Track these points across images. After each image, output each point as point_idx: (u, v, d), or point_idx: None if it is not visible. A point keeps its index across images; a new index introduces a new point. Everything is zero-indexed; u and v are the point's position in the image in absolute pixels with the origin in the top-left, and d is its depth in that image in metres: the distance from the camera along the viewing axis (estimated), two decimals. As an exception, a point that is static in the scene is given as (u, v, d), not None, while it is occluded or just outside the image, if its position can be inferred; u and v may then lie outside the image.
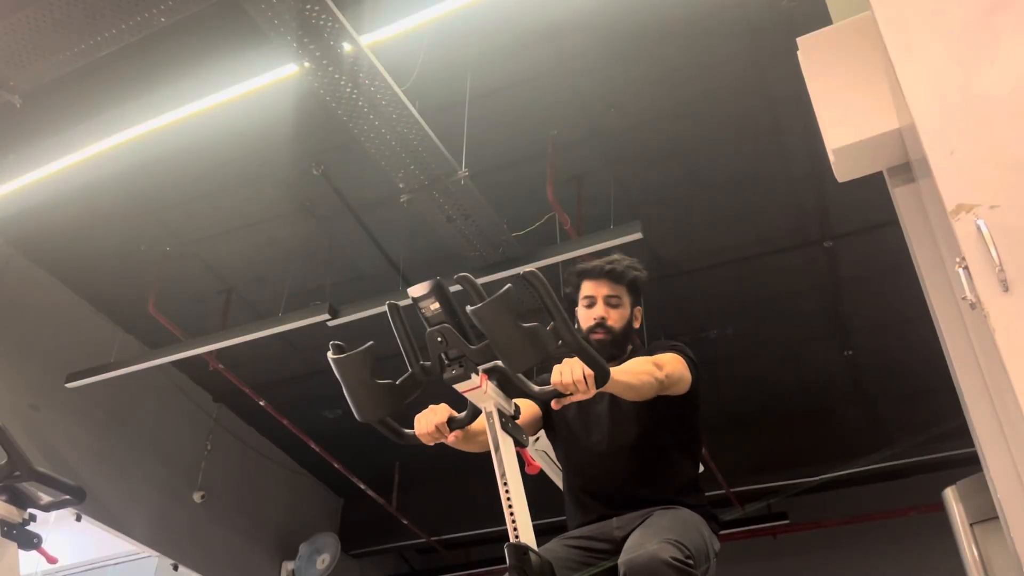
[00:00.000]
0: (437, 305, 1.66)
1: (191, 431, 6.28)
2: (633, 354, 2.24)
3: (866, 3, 2.03)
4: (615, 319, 2.24)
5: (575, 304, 2.31)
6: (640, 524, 2.03)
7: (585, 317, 2.26)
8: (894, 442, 5.64)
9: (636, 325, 2.31)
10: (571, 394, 1.74)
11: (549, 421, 2.29)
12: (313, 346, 5.53)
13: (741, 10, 3.77)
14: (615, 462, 2.18)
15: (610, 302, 2.25)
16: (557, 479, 5.24)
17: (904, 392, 5.87)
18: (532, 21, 3.82)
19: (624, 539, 2.00)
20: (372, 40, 3.51)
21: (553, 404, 1.78)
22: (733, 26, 3.84)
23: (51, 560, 2.76)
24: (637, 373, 1.95)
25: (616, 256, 2.34)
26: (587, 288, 2.28)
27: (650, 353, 2.19)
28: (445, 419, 1.82)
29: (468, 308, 1.63)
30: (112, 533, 5.64)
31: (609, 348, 2.22)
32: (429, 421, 1.82)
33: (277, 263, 5.23)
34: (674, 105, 4.22)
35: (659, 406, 2.09)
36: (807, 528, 6.44)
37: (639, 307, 2.32)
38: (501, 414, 1.71)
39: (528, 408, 2.19)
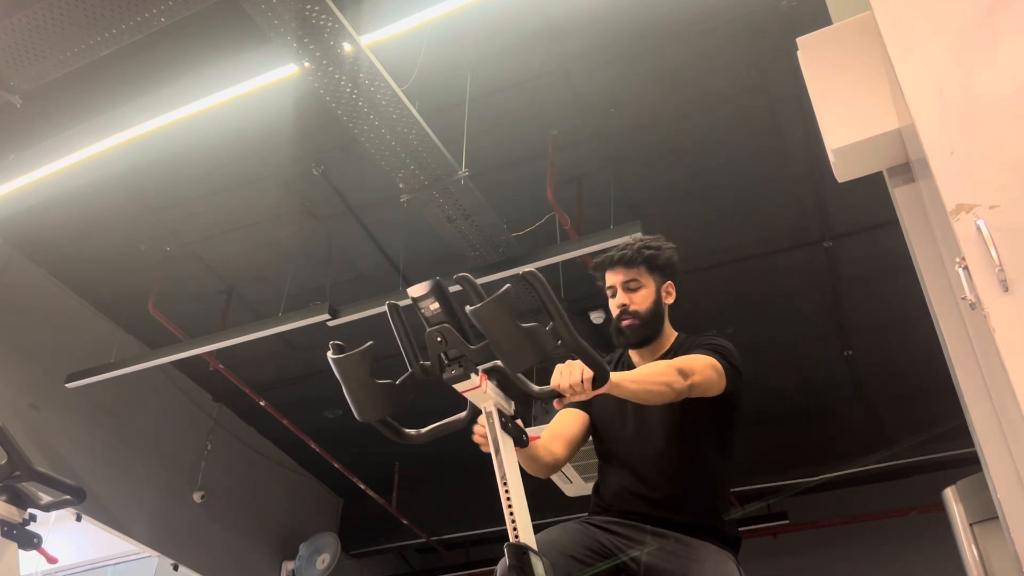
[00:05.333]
0: (437, 305, 1.66)
1: (191, 431, 6.29)
2: (676, 346, 2.24)
3: (866, 3, 2.03)
4: (638, 302, 2.23)
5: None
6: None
7: (611, 308, 2.27)
8: (894, 442, 5.63)
9: (669, 301, 2.29)
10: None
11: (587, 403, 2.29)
12: (313, 346, 5.54)
13: (741, 10, 3.76)
14: (641, 453, 2.18)
15: (629, 287, 2.24)
16: (559, 479, 5.25)
17: (904, 392, 5.87)
18: (532, 21, 3.82)
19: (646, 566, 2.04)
20: (372, 40, 3.51)
21: (556, 404, 1.79)
22: (733, 26, 3.84)
23: (51, 560, 2.76)
24: (648, 382, 1.90)
25: (631, 239, 2.33)
26: (607, 279, 2.29)
27: (689, 348, 2.17)
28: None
29: (468, 308, 1.63)
30: (112, 533, 5.64)
31: (640, 331, 2.23)
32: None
33: (277, 263, 5.23)
34: (674, 105, 4.21)
35: (685, 404, 2.08)
36: (807, 528, 6.44)
37: (669, 282, 2.30)
38: (501, 414, 1.71)
39: (574, 417, 2.26)
